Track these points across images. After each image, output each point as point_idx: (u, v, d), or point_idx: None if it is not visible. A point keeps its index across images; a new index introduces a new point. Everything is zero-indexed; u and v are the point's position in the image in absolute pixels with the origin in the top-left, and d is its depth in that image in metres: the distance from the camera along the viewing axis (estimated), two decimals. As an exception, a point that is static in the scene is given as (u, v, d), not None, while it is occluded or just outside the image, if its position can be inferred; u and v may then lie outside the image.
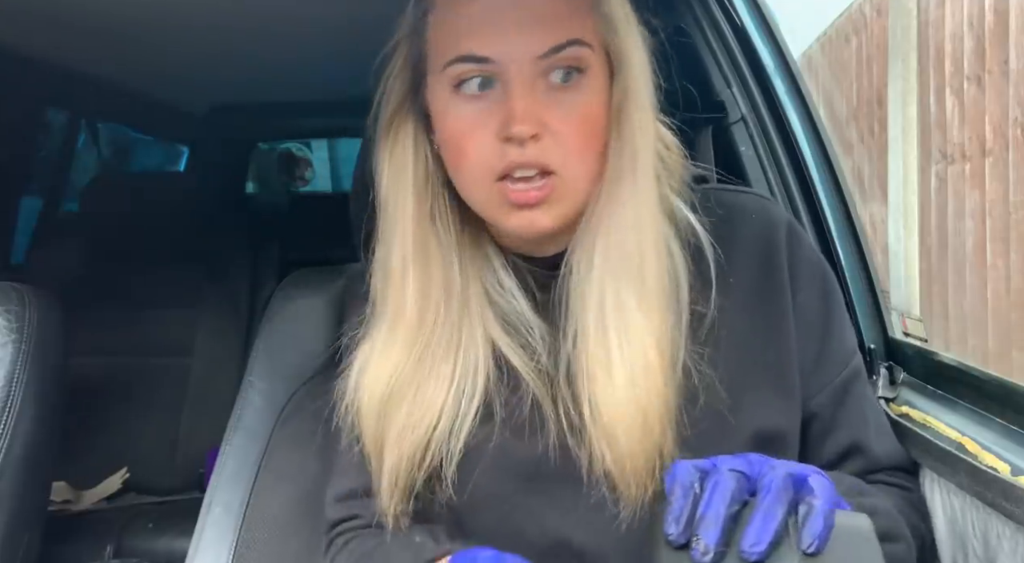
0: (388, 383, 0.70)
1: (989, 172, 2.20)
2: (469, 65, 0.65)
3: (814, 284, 0.73)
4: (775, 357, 0.71)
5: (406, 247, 0.71)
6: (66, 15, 1.37)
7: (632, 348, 0.66)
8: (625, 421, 0.64)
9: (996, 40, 2.14)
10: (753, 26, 1.14)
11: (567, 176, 0.66)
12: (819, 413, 0.73)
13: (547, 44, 0.64)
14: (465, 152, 0.67)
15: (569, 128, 0.65)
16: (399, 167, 0.72)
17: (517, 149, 0.64)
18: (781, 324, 0.71)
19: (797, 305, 0.72)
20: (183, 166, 2.77)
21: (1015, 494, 0.63)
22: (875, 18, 3.02)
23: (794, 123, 1.09)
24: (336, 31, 1.48)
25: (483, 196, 0.68)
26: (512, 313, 0.72)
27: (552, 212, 0.67)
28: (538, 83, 0.65)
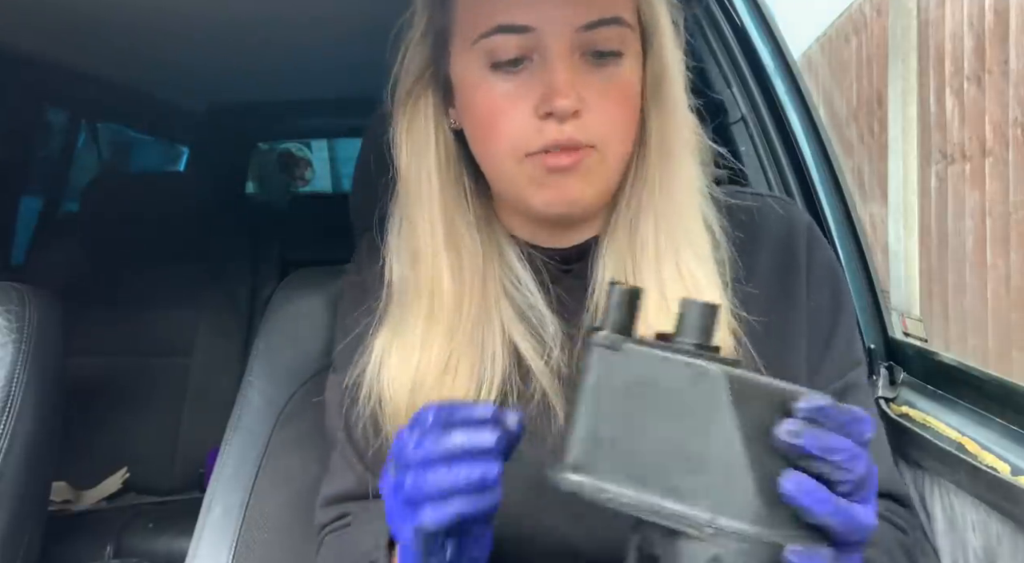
0: (414, 375, 0.67)
1: (989, 172, 2.20)
2: (506, 36, 0.62)
3: (827, 288, 0.72)
4: (786, 360, 0.69)
5: (436, 228, 0.68)
6: (66, 15, 1.37)
7: None
8: None
9: (996, 40, 2.14)
10: (753, 26, 1.14)
11: (603, 151, 0.64)
12: None
13: (591, 16, 0.62)
14: (497, 129, 0.64)
15: (608, 105, 0.63)
16: (420, 144, 0.69)
17: (556, 126, 0.62)
18: (796, 327, 0.70)
19: (810, 308, 0.71)
20: (183, 166, 2.77)
21: (1015, 494, 0.63)
22: (875, 18, 3.02)
23: (794, 123, 1.10)
24: (336, 31, 1.48)
25: (513, 172, 0.65)
26: (527, 306, 0.69)
27: (585, 182, 0.64)
28: (576, 58, 0.63)
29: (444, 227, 0.68)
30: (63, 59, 1.70)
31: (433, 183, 0.68)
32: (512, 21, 0.62)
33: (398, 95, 0.70)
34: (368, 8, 1.29)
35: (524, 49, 0.62)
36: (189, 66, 1.82)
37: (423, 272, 0.68)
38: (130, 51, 1.65)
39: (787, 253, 0.71)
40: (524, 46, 0.62)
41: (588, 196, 0.65)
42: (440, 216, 0.68)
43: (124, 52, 1.65)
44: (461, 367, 0.67)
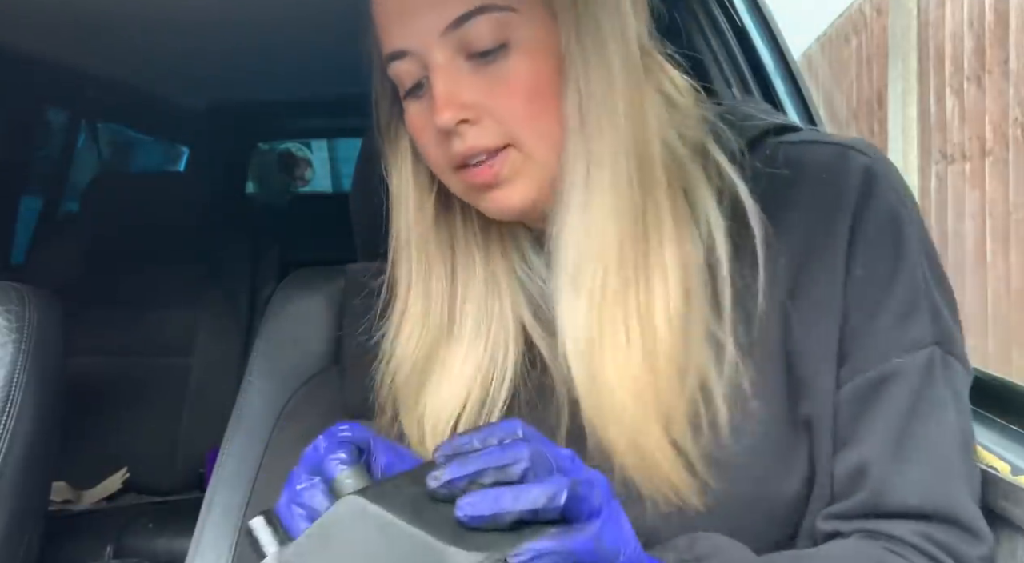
0: (406, 371, 0.68)
1: (989, 172, 2.20)
2: (395, 63, 0.62)
3: (880, 252, 0.58)
4: (803, 350, 0.59)
5: (409, 241, 0.68)
6: (66, 15, 1.37)
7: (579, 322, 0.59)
8: (590, 390, 0.59)
9: (996, 40, 2.14)
10: (753, 26, 1.14)
11: (523, 147, 0.60)
12: (840, 411, 0.58)
13: (450, 16, 0.58)
14: (424, 151, 0.64)
15: (507, 101, 0.59)
16: (399, 171, 0.70)
17: (458, 140, 0.60)
18: (824, 304, 0.58)
19: (852, 281, 0.58)
20: (183, 166, 2.77)
21: (1015, 494, 0.63)
22: (875, 18, 3.02)
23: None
24: (336, 31, 1.48)
25: (454, 188, 0.64)
26: (538, 294, 0.67)
27: (519, 187, 0.61)
28: (459, 64, 0.59)
29: (416, 239, 0.68)
30: (63, 59, 1.70)
31: (410, 198, 0.69)
32: (392, 47, 0.61)
33: (380, 124, 0.71)
34: (369, 8, 1.29)
35: (416, 72, 0.61)
36: (189, 66, 1.83)
37: (400, 283, 0.69)
38: (130, 51, 1.65)
39: (824, 211, 0.59)
40: (414, 70, 0.61)
41: (525, 197, 0.61)
42: (413, 227, 0.68)
43: (124, 52, 1.65)
44: (462, 367, 0.66)
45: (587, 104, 0.59)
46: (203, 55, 1.71)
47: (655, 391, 0.57)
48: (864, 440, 0.57)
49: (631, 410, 0.57)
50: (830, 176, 0.60)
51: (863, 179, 0.59)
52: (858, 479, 0.57)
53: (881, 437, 0.57)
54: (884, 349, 0.57)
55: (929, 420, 0.57)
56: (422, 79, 0.61)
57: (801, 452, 0.59)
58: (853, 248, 0.58)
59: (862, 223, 0.58)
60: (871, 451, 0.57)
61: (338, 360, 1.05)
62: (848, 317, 0.58)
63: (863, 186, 0.59)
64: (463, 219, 0.68)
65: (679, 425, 0.57)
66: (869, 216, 0.58)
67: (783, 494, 0.59)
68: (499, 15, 0.58)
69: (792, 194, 0.60)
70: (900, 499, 0.56)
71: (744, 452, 0.58)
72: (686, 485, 0.57)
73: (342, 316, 1.02)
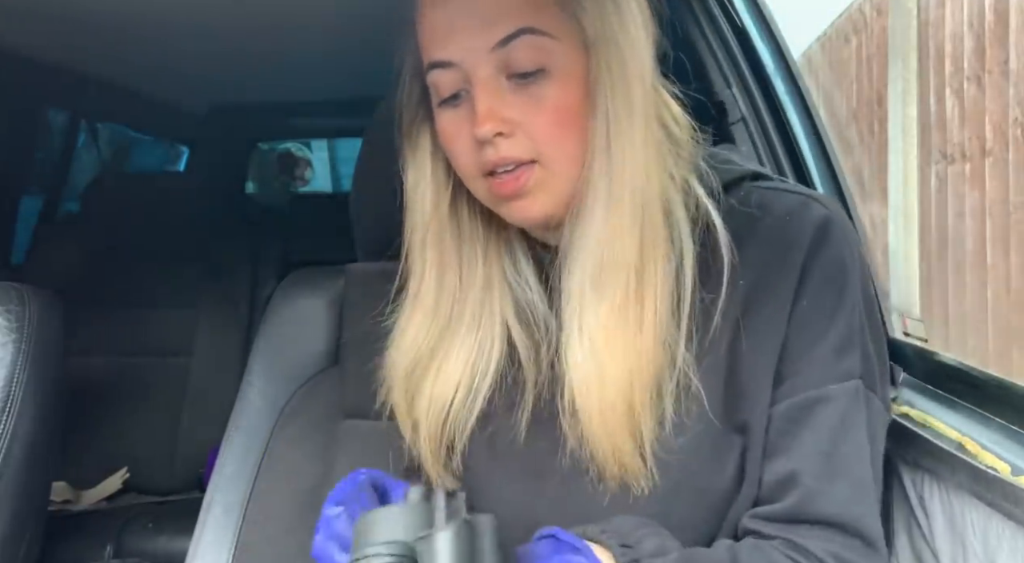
0: (411, 361, 0.74)
1: (989, 172, 2.20)
2: (438, 72, 0.67)
3: (825, 291, 0.65)
4: (749, 361, 0.66)
5: (425, 237, 0.74)
6: (66, 15, 1.37)
7: (593, 330, 0.66)
8: (599, 405, 0.65)
9: (996, 40, 2.14)
10: (753, 26, 1.14)
11: (548, 164, 0.67)
12: (770, 426, 0.65)
13: (498, 35, 0.64)
14: (454, 155, 0.70)
15: (539, 119, 0.66)
16: (419, 170, 0.75)
17: (491, 149, 0.66)
18: (771, 328, 0.65)
19: (798, 310, 0.65)
20: (183, 166, 2.77)
21: (1015, 494, 0.63)
22: (875, 18, 3.02)
23: (794, 123, 1.10)
24: (336, 31, 1.48)
25: (479, 193, 0.71)
26: (523, 300, 0.75)
27: (540, 200, 0.68)
28: (501, 81, 0.66)
29: (431, 236, 0.74)
30: (63, 59, 1.70)
31: (426, 200, 0.74)
32: (437, 57, 0.67)
33: (402, 127, 0.76)
34: (368, 9, 1.29)
35: (456, 83, 0.67)
36: (190, 66, 1.82)
37: (413, 276, 0.75)
38: (130, 51, 1.65)
39: (783, 250, 0.67)
40: (455, 81, 0.67)
41: (545, 210, 0.68)
42: (428, 226, 0.74)
43: (124, 52, 1.65)
44: (454, 355, 0.73)
45: (613, 129, 0.66)
46: (203, 55, 1.71)
47: (635, 388, 0.65)
48: (795, 452, 0.64)
49: (617, 402, 0.64)
50: (792, 219, 0.67)
51: (819, 226, 0.66)
52: (787, 486, 0.63)
53: (811, 451, 0.63)
54: (820, 376, 0.64)
55: (852, 442, 0.64)
56: (461, 90, 0.67)
57: (733, 453, 0.66)
58: (802, 284, 0.66)
59: (814, 263, 0.66)
60: (801, 463, 0.63)
61: (338, 360, 1.05)
62: (788, 341, 0.65)
63: (818, 232, 0.66)
64: (470, 221, 0.75)
65: (646, 418, 0.65)
66: (820, 259, 0.66)
67: (714, 488, 0.66)
68: (540, 39, 0.65)
69: (758, 230, 0.68)
70: (823, 509, 0.62)
71: (684, 447, 0.66)
72: (638, 470, 0.65)
73: (346, 308, 1.02)
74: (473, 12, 0.65)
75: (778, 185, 0.73)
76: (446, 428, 0.73)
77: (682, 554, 0.62)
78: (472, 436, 0.73)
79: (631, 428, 0.65)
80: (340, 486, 0.66)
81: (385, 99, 1.03)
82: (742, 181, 0.72)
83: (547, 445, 0.70)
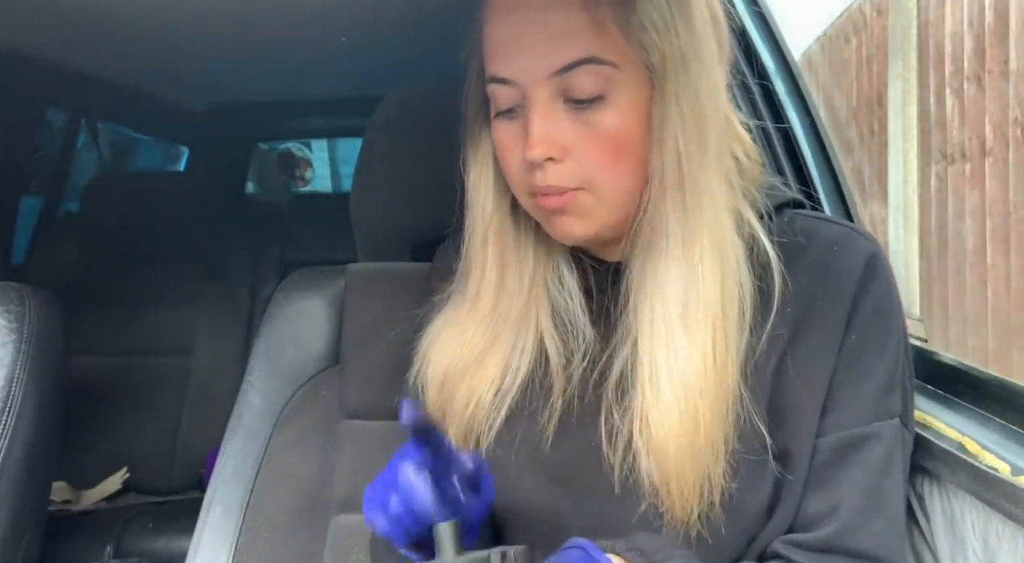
0: (454, 357, 0.74)
1: (989, 172, 2.20)
2: (497, 86, 0.66)
3: (874, 327, 0.67)
4: (801, 392, 0.67)
5: (486, 236, 0.74)
6: (66, 15, 1.37)
7: (684, 370, 0.64)
8: (676, 440, 0.64)
9: (996, 40, 2.14)
10: (753, 26, 1.14)
11: (597, 192, 0.66)
12: (818, 457, 0.66)
13: (559, 62, 0.63)
14: (506, 168, 0.69)
15: (593, 148, 0.64)
16: (480, 170, 0.74)
17: (540, 173, 0.65)
18: (822, 359, 0.67)
19: (848, 343, 0.67)
20: (183, 166, 2.77)
21: (1015, 494, 0.63)
22: (875, 18, 3.02)
23: (794, 123, 1.10)
24: (336, 31, 1.48)
25: (526, 203, 0.70)
26: (563, 310, 0.74)
27: (583, 222, 0.67)
28: (558, 104, 0.64)
29: (493, 236, 0.74)
30: (63, 59, 1.70)
31: (489, 199, 0.74)
32: (498, 73, 0.66)
33: (466, 122, 0.75)
34: (369, 8, 1.29)
35: (513, 99, 0.66)
36: (189, 66, 1.82)
37: (473, 275, 0.75)
38: (130, 51, 1.65)
39: (835, 282, 0.68)
40: (512, 96, 0.66)
41: (589, 232, 0.68)
42: (490, 227, 0.74)
43: (124, 52, 1.65)
44: (493, 358, 0.73)
45: (687, 167, 0.64)
46: (203, 55, 1.70)
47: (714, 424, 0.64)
48: (840, 486, 0.65)
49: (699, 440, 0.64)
50: (840, 250, 0.68)
51: (868, 260, 0.68)
52: (827, 517, 0.65)
53: (856, 486, 0.65)
54: (868, 412, 0.66)
55: (892, 478, 0.66)
56: (516, 106, 0.66)
57: (769, 477, 0.66)
58: (853, 317, 0.67)
59: (864, 297, 0.67)
60: (844, 497, 0.65)
61: (338, 360, 1.05)
62: (837, 374, 0.66)
63: (868, 266, 0.67)
64: (525, 223, 0.74)
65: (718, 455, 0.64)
66: (870, 294, 0.67)
67: (748, 511, 0.66)
68: (602, 68, 0.63)
69: (805, 258, 0.69)
70: (859, 543, 0.64)
71: (726, 472, 0.65)
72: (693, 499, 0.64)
73: (346, 308, 1.02)
74: (536, 34, 0.64)
75: (819, 215, 0.75)
76: (474, 425, 0.73)
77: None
78: (498, 436, 0.72)
79: (703, 465, 0.64)
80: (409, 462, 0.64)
81: (385, 99, 1.03)
82: (786, 207, 0.73)
83: (576, 456, 0.69)
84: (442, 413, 0.74)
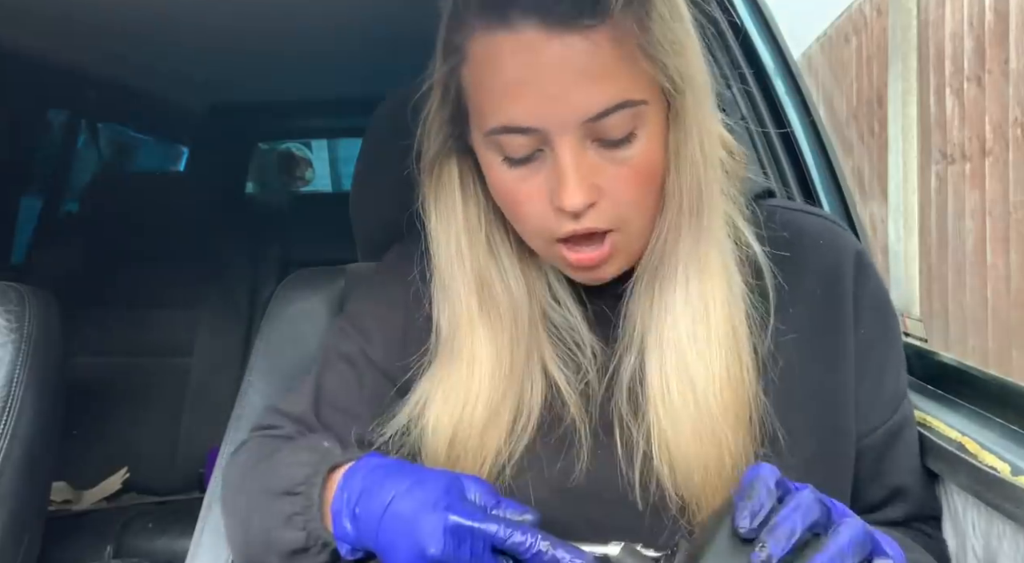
0: (462, 416, 0.68)
1: (989, 172, 2.20)
2: (513, 136, 0.61)
3: (878, 319, 0.71)
4: (832, 392, 0.69)
5: (469, 288, 0.69)
6: (66, 15, 1.37)
7: (710, 386, 0.64)
8: (700, 455, 0.63)
9: (996, 40, 2.14)
10: (753, 26, 1.14)
11: (627, 228, 0.64)
12: (867, 453, 0.70)
13: (595, 108, 0.59)
14: (520, 214, 0.65)
15: (625, 187, 0.62)
16: (447, 210, 0.70)
17: (573, 220, 0.62)
18: (842, 356, 0.69)
19: (859, 338, 0.69)
20: (183, 166, 2.77)
21: (1015, 494, 0.63)
22: (875, 18, 3.02)
23: (794, 123, 1.10)
24: (337, 31, 1.48)
25: (543, 250, 0.67)
26: (565, 328, 0.70)
27: (616, 263, 0.66)
28: (588, 146, 0.61)
29: (477, 285, 0.69)
30: (63, 59, 1.70)
31: (462, 244, 0.69)
32: (516, 123, 0.60)
33: (424, 164, 0.70)
34: (368, 9, 1.29)
35: (533, 146, 0.61)
36: (189, 66, 1.83)
37: (462, 334, 0.69)
38: (130, 51, 1.65)
39: (834, 278, 0.70)
40: (532, 143, 0.61)
41: (621, 268, 0.67)
42: (471, 275, 0.69)
43: (124, 52, 1.65)
44: (503, 410, 0.68)
45: (704, 188, 0.64)
46: (203, 55, 1.71)
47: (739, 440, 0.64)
48: (899, 470, 0.72)
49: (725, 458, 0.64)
50: (827, 246, 0.71)
51: (857, 257, 0.71)
52: (897, 498, 0.72)
53: (908, 467, 0.72)
54: (894, 400, 0.71)
55: (917, 450, 0.74)
56: (535, 152, 0.62)
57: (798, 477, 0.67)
58: (857, 313, 0.70)
59: (862, 295, 0.70)
60: (906, 478, 0.72)
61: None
62: (859, 371, 0.69)
63: (859, 263, 0.71)
64: (508, 260, 0.70)
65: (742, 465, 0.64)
66: (867, 291, 0.70)
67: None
68: (634, 109, 0.60)
69: (796, 257, 0.69)
70: (925, 510, 0.74)
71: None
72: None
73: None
74: (565, 77, 0.58)
75: (792, 205, 0.76)
76: (491, 472, 0.68)
77: None
78: (518, 474, 0.68)
79: (731, 480, 0.63)
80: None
81: (385, 99, 1.03)
82: (759, 198, 0.73)
83: (598, 475, 0.67)
84: (451, 467, 0.69)
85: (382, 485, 0.60)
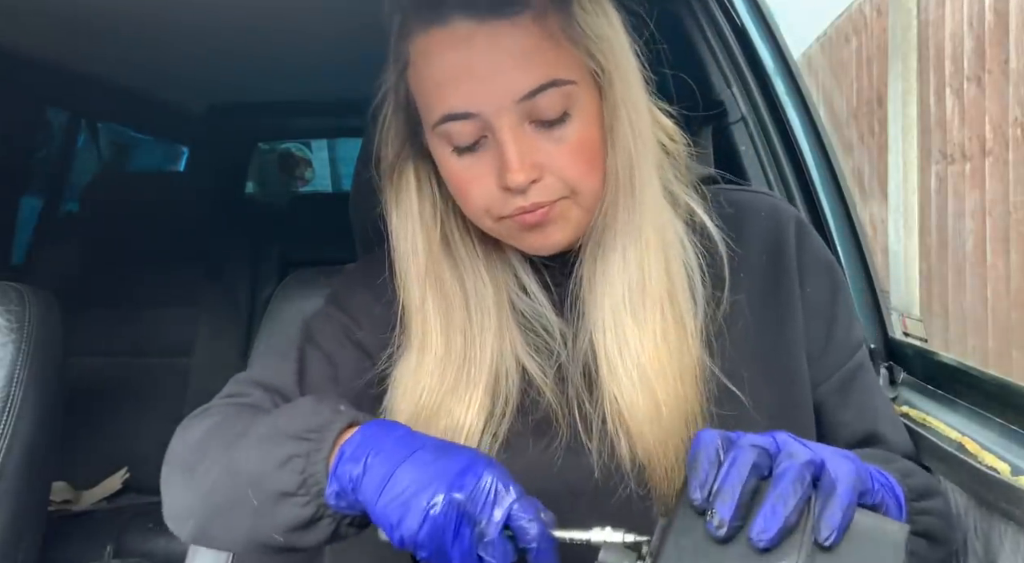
0: (416, 408, 0.71)
1: (989, 172, 2.20)
2: (455, 123, 0.66)
3: (821, 276, 0.76)
4: (785, 347, 0.73)
5: (421, 282, 0.73)
6: (66, 15, 1.37)
7: (644, 348, 0.68)
8: (647, 417, 0.66)
9: (996, 40, 2.14)
10: (753, 26, 1.14)
11: (578, 198, 0.68)
12: (827, 401, 0.75)
13: (524, 87, 0.64)
14: (469, 199, 0.69)
15: (567, 160, 0.66)
16: (405, 211, 0.74)
17: (520, 196, 0.66)
18: (790, 314, 0.74)
19: (805, 296, 0.74)
20: (183, 166, 2.77)
21: (1015, 494, 0.63)
22: (875, 18, 3.03)
23: (794, 123, 1.09)
24: (336, 31, 1.48)
25: (492, 228, 0.70)
26: (533, 315, 0.74)
27: (564, 229, 0.69)
28: (526, 127, 0.65)
29: (429, 280, 0.73)
30: (63, 59, 1.70)
31: (418, 242, 0.73)
32: (455, 110, 0.65)
33: (383, 169, 0.75)
34: (368, 9, 1.29)
35: (476, 132, 0.66)
36: (189, 66, 1.82)
37: (415, 323, 0.73)
38: (130, 51, 1.65)
39: (775, 245, 0.75)
40: (475, 130, 0.66)
41: (569, 236, 0.70)
42: (424, 270, 0.73)
43: (124, 52, 1.65)
44: (465, 404, 0.70)
45: (633, 162, 0.69)
46: (203, 55, 1.71)
47: (688, 404, 0.68)
48: (863, 415, 0.75)
49: (675, 424, 0.67)
50: (770, 218, 0.77)
51: (797, 223, 0.77)
52: (872, 442, 0.75)
53: (873, 411, 0.76)
54: (844, 352, 0.76)
55: (883, 395, 0.80)
56: (480, 139, 0.66)
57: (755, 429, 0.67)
58: (802, 274, 0.75)
59: (803, 256, 0.75)
60: (872, 422, 0.75)
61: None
62: (808, 325, 0.74)
63: (798, 229, 0.77)
64: (465, 251, 0.74)
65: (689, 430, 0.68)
66: (807, 252, 0.76)
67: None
68: (564, 88, 0.65)
69: (742, 228, 0.75)
70: (902, 450, 0.75)
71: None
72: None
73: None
74: (493, 61, 0.64)
75: (735, 187, 0.82)
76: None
77: None
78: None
79: (680, 439, 0.66)
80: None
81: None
82: (705, 182, 0.77)
83: (578, 468, 0.69)
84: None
85: (414, 436, 0.60)
